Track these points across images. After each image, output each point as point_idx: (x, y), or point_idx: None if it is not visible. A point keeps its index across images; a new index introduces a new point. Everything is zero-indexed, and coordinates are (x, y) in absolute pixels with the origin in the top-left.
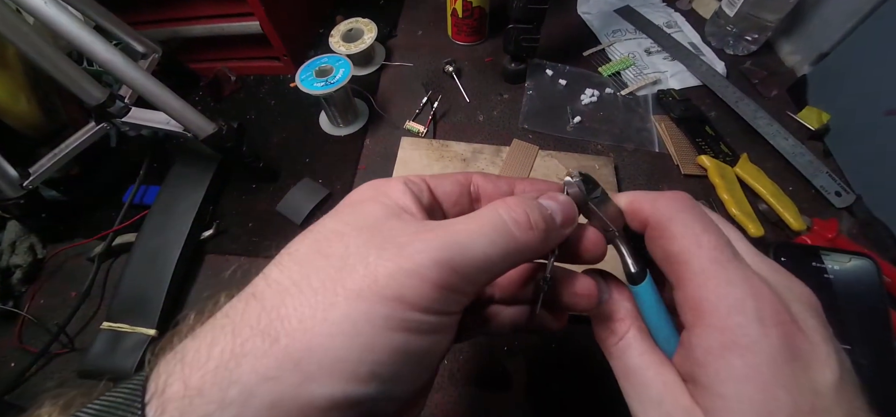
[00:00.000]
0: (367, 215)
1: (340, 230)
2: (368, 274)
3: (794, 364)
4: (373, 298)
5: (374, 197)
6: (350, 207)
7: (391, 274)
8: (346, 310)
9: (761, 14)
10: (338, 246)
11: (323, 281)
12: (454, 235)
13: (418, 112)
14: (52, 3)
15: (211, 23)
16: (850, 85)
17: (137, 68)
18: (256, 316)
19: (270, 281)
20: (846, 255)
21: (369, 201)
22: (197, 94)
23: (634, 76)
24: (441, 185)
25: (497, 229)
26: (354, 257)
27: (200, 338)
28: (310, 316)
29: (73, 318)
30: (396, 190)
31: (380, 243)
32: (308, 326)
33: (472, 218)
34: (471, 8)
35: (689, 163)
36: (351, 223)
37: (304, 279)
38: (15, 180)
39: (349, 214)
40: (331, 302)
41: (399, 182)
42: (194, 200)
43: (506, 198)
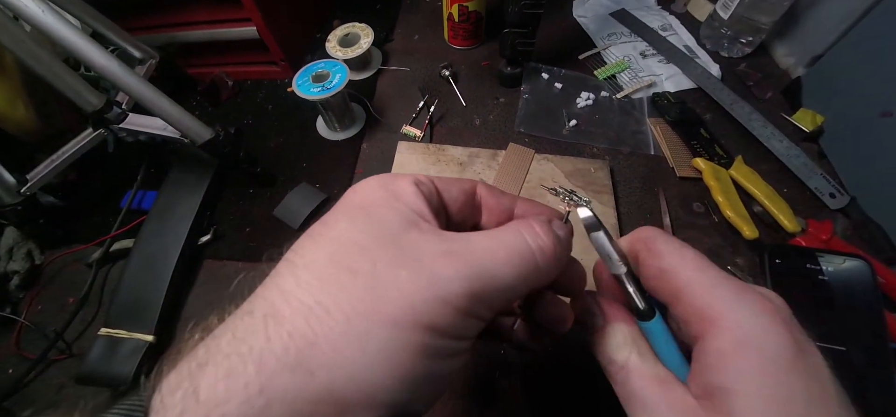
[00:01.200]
0: (386, 224)
1: (362, 242)
2: (404, 301)
3: (801, 354)
4: (409, 327)
5: (386, 200)
6: (363, 212)
7: (427, 301)
8: (384, 340)
9: (756, 17)
10: (363, 263)
11: (353, 304)
12: (482, 262)
13: (415, 116)
14: (49, 12)
15: (208, 28)
16: (845, 87)
17: (134, 75)
18: (283, 346)
19: (288, 297)
20: (841, 257)
21: (382, 205)
22: (194, 99)
23: (630, 79)
24: (449, 191)
25: (523, 257)
26: (385, 278)
27: (215, 368)
28: (343, 344)
29: (71, 324)
30: (408, 193)
31: (410, 264)
32: (346, 356)
33: (496, 242)
34: (467, 12)
35: (684, 166)
36: (371, 233)
37: (332, 300)
38: (13, 186)
39: (364, 221)
40: (365, 329)
41: (409, 182)
42: (192, 205)
43: (531, 222)
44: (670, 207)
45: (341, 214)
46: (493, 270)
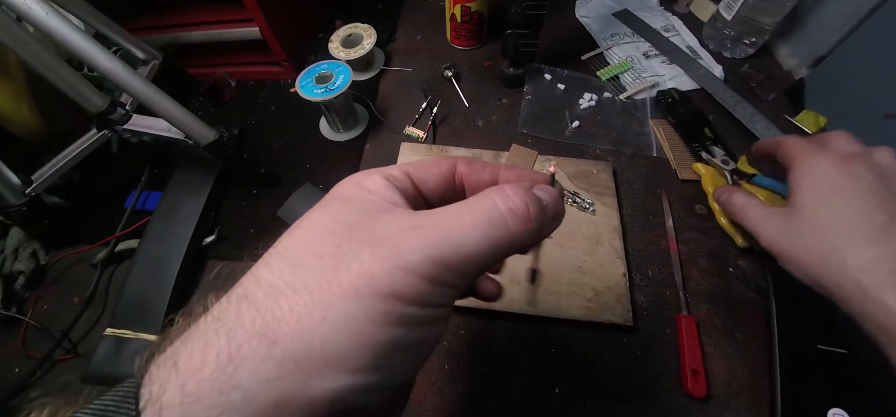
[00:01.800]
0: (357, 211)
1: (330, 227)
2: (364, 272)
3: (848, 177)
4: (370, 295)
5: (358, 193)
6: (338, 202)
7: (386, 271)
8: (344, 308)
9: (759, 17)
10: (330, 245)
11: (318, 280)
12: (447, 232)
13: (418, 117)
14: (52, 13)
15: (211, 28)
16: (848, 88)
17: (138, 76)
18: (251, 319)
19: (261, 283)
20: None
21: (354, 197)
22: (197, 100)
23: (633, 80)
24: (425, 180)
25: (492, 222)
26: (349, 255)
27: (192, 342)
28: (307, 316)
29: (77, 324)
30: (379, 185)
31: (374, 240)
32: (306, 326)
33: (465, 210)
34: (469, 13)
35: (686, 168)
36: (340, 219)
37: (299, 280)
38: (18, 187)
39: (337, 209)
40: (328, 301)
41: (378, 176)
42: (196, 206)
43: (503, 187)
44: (673, 209)
45: (316, 208)
46: (458, 239)
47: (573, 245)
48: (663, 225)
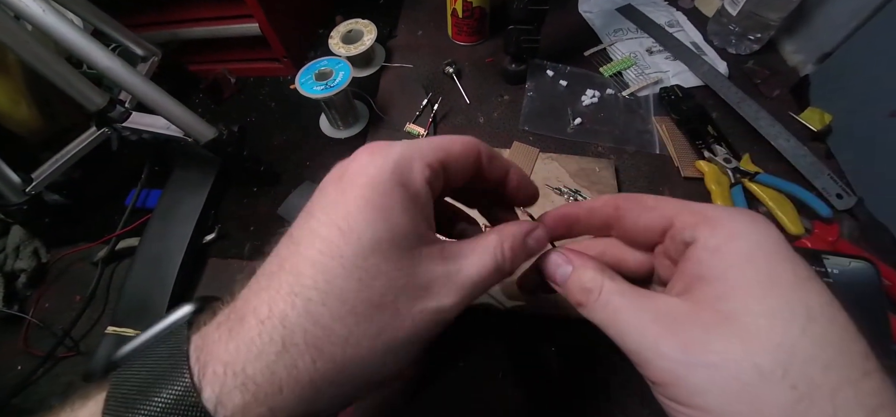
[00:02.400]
0: (402, 238)
1: (379, 265)
2: (414, 327)
3: (787, 248)
4: (410, 342)
5: (402, 204)
6: (381, 215)
7: (429, 325)
8: (390, 347)
9: (764, 13)
10: (381, 287)
11: (378, 330)
12: (467, 284)
13: (418, 114)
14: (50, 11)
15: (210, 25)
16: (854, 85)
17: (137, 74)
18: (309, 369)
19: (312, 319)
20: (846, 259)
21: (397, 210)
22: (197, 97)
23: (636, 76)
24: (454, 173)
25: (492, 270)
26: (404, 314)
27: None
28: (363, 367)
29: (78, 322)
30: (422, 195)
31: (423, 296)
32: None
33: (477, 255)
34: (471, 8)
35: (688, 166)
36: (386, 251)
37: (354, 326)
38: (18, 185)
39: (383, 228)
40: (377, 347)
41: (423, 182)
42: (196, 204)
43: (506, 243)
44: None
45: (358, 212)
46: (474, 285)
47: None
48: None
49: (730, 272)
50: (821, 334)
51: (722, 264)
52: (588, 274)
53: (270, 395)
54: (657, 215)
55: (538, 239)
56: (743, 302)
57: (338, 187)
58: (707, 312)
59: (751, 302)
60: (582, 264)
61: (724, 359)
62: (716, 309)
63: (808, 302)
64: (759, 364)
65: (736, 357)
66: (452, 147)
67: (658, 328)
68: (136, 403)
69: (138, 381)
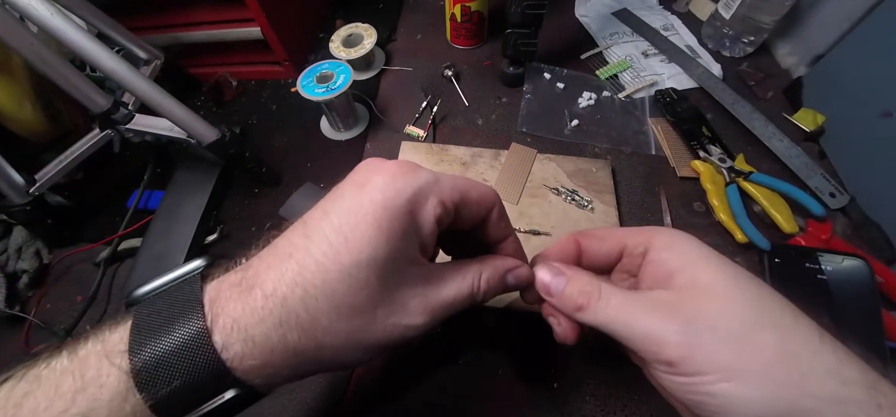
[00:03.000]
0: (395, 261)
1: (368, 278)
2: (384, 336)
3: (752, 278)
4: (382, 345)
5: (405, 230)
6: (383, 237)
7: (396, 335)
8: (361, 345)
9: (757, 16)
10: (365, 296)
11: (354, 329)
12: (443, 304)
13: (418, 116)
14: (57, 14)
15: (212, 28)
16: (846, 87)
17: (141, 76)
18: (295, 343)
19: (305, 307)
20: (840, 256)
21: (399, 236)
22: (198, 99)
23: (632, 79)
24: (468, 215)
25: (470, 295)
26: (379, 317)
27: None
28: (336, 352)
29: (80, 322)
30: (427, 231)
31: (398, 312)
32: (332, 349)
33: (456, 283)
34: (469, 12)
35: (684, 166)
36: (378, 268)
37: (336, 321)
38: (21, 187)
39: (383, 247)
40: (350, 342)
41: (433, 220)
42: (198, 205)
43: (483, 270)
44: (671, 206)
45: (365, 229)
46: (445, 310)
47: None
48: (662, 222)
49: (687, 261)
50: (767, 290)
51: (679, 257)
52: (584, 279)
53: (264, 353)
54: (613, 243)
55: (519, 277)
56: (710, 277)
57: (357, 196)
58: (688, 293)
59: (714, 275)
60: (574, 273)
61: (719, 320)
62: (693, 288)
63: (740, 268)
64: (744, 317)
65: (726, 316)
66: (470, 193)
67: (660, 313)
68: (158, 333)
69: (160, 317)
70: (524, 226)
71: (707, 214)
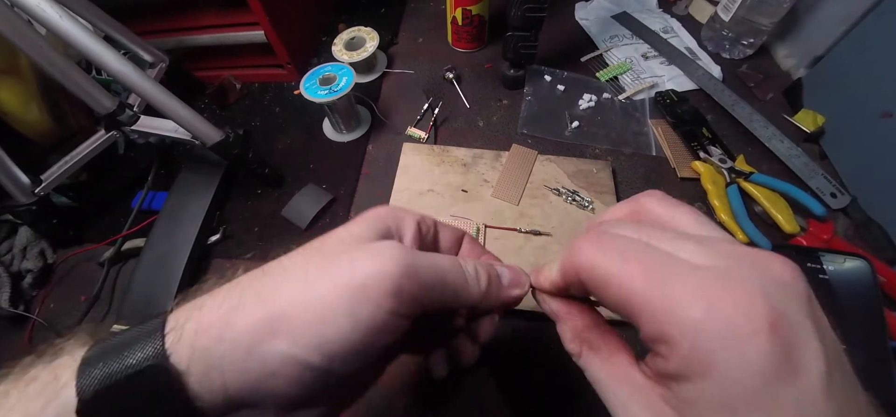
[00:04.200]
0: (368, 229)
1: (344, 238)
2: (348, 268)
3: (776, 374)
4: (342, 286)
5: (387, 215)
6: (362, 219)
7: (366, 270)
8: (318, 292)
9: (756, 18)
10: (336, 246)
11: (318, 267)
12: (421, 256)
13: (419, 118)
14: (66, 17)
15: (216, 32)
16: (845, 87)
17: (148, 78)
18: (259, 284)
19: (280, 263)
20: (841, 256)
21: (379, 219)
22: (202, 102)
23: (632, 81)
24: (444, 232)
25: (455, 267)
26: (344, 255)
27: (216, 295)
28: (295, 291)
29: (83, 322)
30: (408, 221)
31: (368, 248)
32: (291, 299)
33: (438, 255)
34: (470, 16)
35: (684, 167)
36: (355, 233)
37: (302, 264)
38: (27, 187)
39: (357, 225)
40: (312, 284)
41: (414, 217)
42: (201, 206)
43: (475, 260)
44: None
45: (350, 223)
46: (431, 261)
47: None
48: None
49: (697, 410)
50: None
51: (690, 396)
52: (567, 335)
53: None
54: (620, 306)
55: (515, 276)
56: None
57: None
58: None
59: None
60: (564, 315)
61: None
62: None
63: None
64: None
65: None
66: (442, 224)
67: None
68: (113, 355)
69: (119, 341)
70: (525, 227)
71: (708, 215)
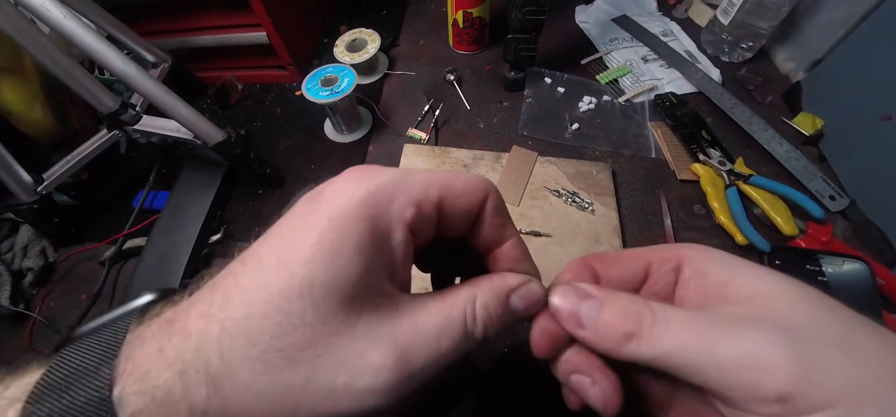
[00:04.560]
0: (342, 280)
1: (303, 312)
2: (330, 405)
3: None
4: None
5: (369, 240)
6: (340, 222)
7: (351, 403)
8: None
9: (755, 22)
10: (298, 340)
11: (284, 389)
12: (420, 343)
13: (420, 119)
14: (70, 17)
15: (219, 33)
16: (844, 90)
17: (151, 78)
18: (202, 403)
19: (224, 354)
20: (840, 258)
21: (354, 251)
22: (204, 102)
23: (631, 83)
24: (454, 203)
25: (463, 328)
26: (322, 373)
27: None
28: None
29: (83, 320)
30: (397, 238)
31: (349, 361)
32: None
33: (440, 309)
34: (471, 18)
35: (684, 169)
36: (318, 299)
37: (261, 376)
38: (29, 185)
39: (323, 267)
40: (281, 410)
41: (402, 217)
42: (203, 205)
43: (477, 295)
44: (671, 209)
45: (303, 245)
46: (426, 350)
47: (573, 244)
48: (662, 224)
49: (735, 270)
50: (827, 303)
51: (725, 269)
52: (625, 299)
53: (164, 413)
54: (634, 262)
55: (529, 297)
56: (772, 282)
57: (303, 211)
58: (762, 303)
59: (775, 280)
60: (608, 294)
61: (822, 329)
62: (763, 299)
63: (791, 282)
64: (842, 324)
65: (825, 324)
66: (454, 185)
67: (752, 331)
68: (59, 392)
69: (67, 371)
70: (525, 228)
71: (707, 217)
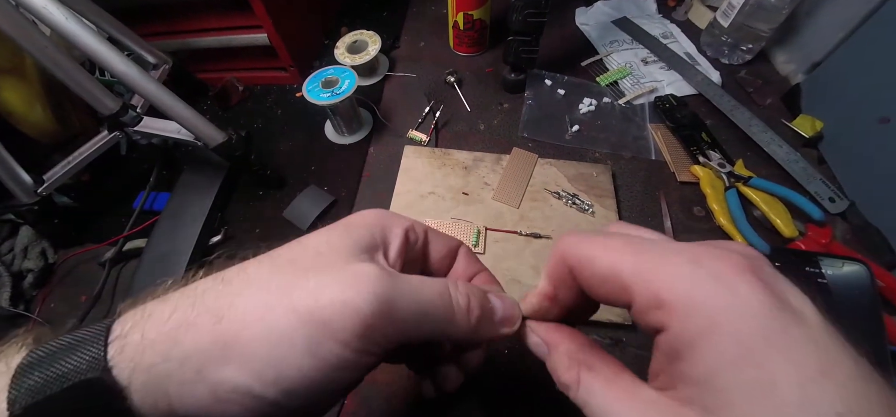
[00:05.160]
0: (349, 240)
1: (321, 249)
2: (312, 296)
3: (784, 323)
4: (304, 317)
5: (373, 223)
6: (345, 227)
7: (333, 303)
8: (277, 320)
9: (755, 24)
10: (309, 260)
11: (279, 285)
12: (402, 283)
13: (421, 121)
14: (72, 18)
15: (220, 35)
16: (844, 93)
17: (152, 80)
18: (214, 296)
19: (243, 269)
20: (840, 260)
21: (363, 227)
22: (205, 104)
23: (631, 85)
24: (435, 242)
25: (443, 298)
26: (313, 275)
27: (168, 302)
28: (252, 312)
29: (83, 321)
30: (395, 230)
31: (340, 273)
32: (246, 321)
33: (425, 281)
34: (472, 20)
35: (684, 171)
36: (335, 244)
37: (265, 279)
38: (30, 187)
39: (338, 234)
40: (272, 307)
41: (401, 226)
42: (203, 207)
43: (461, 281)
44: (671, 211)
45: (330, 226)
46: (408, 292)
47: None
48: (661, 226)
49: (715, 378)
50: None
51: (703, 366)
52: (563, 361)
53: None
54: (617, 287)
55: (503, 298)
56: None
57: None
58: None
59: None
60: (556, 342)
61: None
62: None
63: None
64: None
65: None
66: (438, 233)
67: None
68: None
69: (58, 347)
70: (526, 229)
71: (707, 219)
